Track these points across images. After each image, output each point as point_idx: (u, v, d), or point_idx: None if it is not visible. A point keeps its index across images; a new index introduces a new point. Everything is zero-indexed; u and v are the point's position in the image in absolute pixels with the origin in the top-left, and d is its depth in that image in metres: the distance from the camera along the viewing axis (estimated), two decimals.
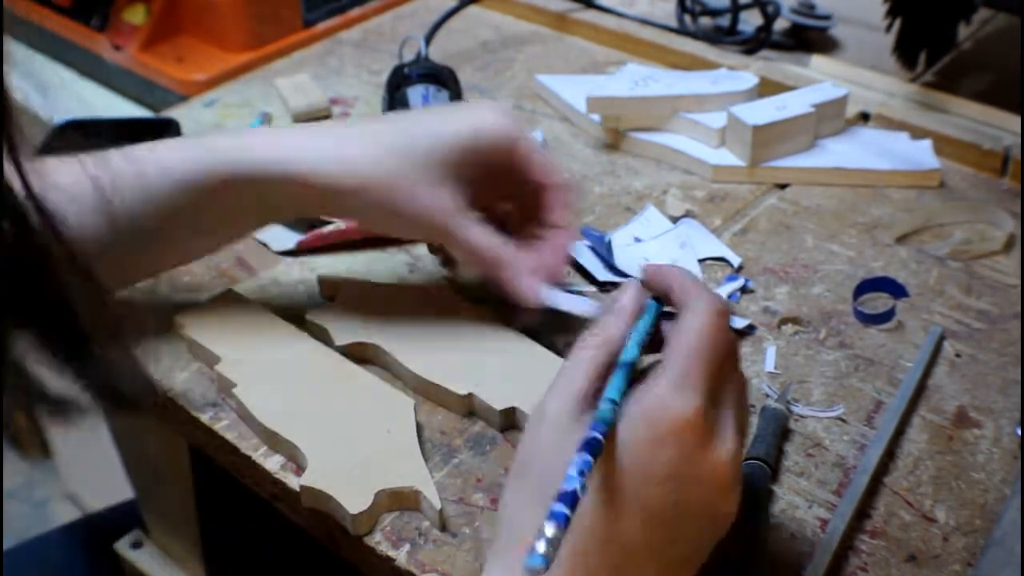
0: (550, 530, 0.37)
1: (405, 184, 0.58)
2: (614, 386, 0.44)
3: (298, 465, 0.56)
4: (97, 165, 0.54)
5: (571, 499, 0.39)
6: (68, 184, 0.45)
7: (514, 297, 0.60)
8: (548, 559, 0.37)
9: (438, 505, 0.52)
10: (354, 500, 0.52)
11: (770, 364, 0.63)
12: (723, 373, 0.45)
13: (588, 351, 0.46)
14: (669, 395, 0.43)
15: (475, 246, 0.59)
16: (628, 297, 0.48)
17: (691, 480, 0.42)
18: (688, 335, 0.44)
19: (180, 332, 0.64)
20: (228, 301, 0.66)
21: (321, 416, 0.57)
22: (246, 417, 0.59)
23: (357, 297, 0.66)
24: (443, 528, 0.53)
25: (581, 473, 0.40)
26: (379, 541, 0.53)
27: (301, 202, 0.60)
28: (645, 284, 0.50)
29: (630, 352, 0.46)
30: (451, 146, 0.59)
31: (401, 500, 0.54)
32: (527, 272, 0.60)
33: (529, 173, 0.61)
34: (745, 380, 0.47)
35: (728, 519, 0.45)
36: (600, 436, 0.41)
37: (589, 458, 0.40)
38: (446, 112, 0.64)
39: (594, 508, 0.42)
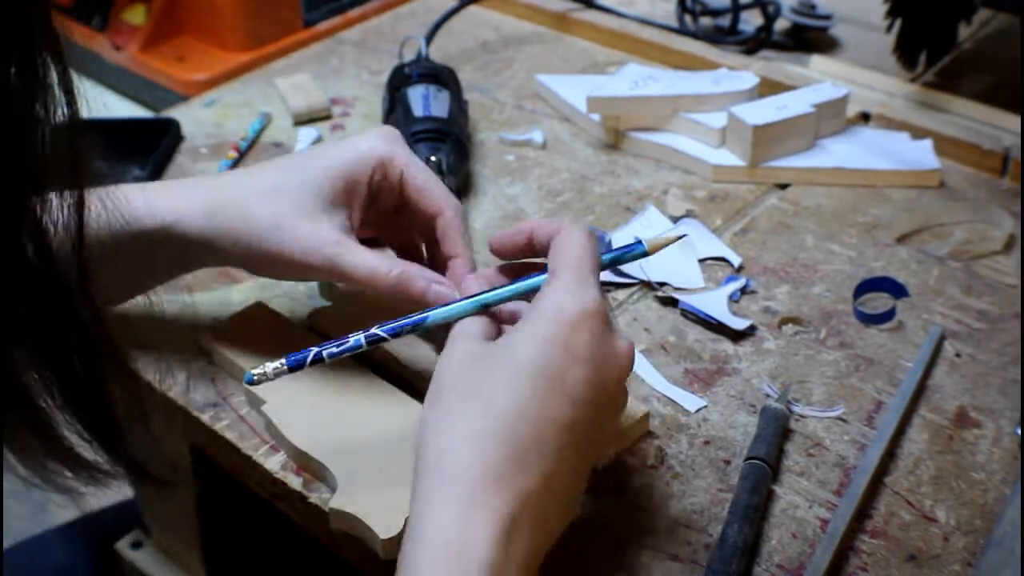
0: (277, 364, 0.48)
1: (282, 222, 0.56)
2: (446, 311, 0.51)
3: (327, 486, 0.55)
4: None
5: (315, 357, 0.48)
6: None
7: (423, 302, 0.57)
8: (256, 379, 0.48)
9: None
10: (384, 525, 0.51)
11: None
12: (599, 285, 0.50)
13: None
14: (575, 290, 0.48)
15: (365, 269, 0.56)
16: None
17: (606, 359, 0.47)
18: (572, 246, 0.50)
19: (209, 345, 0.63)
20: (257, 314, 0.65)
21: (351, 436, 0.56)
22: (275, 435, 0.58)
23: (357, 297, 0.66)
24: None
25: (336, 347, 0.49)
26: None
27: (184, 256, 0.59)
28: (498, 253, 0.55)
29: (523, 283, 0.52)
30: (326, 175, 0.57)
31: None
32: (431, 282, 0.57)
33: (416, 201, 0.59)
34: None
35: (619, 413, 0.51)
36: (386, 335, 0.50)
37: (362, 341, 0.49)
38: (328, 145, 0.62)
39: (530, 391, 0.45)
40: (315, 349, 0.49)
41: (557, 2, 1.05)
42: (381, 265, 0.56)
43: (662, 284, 0.70)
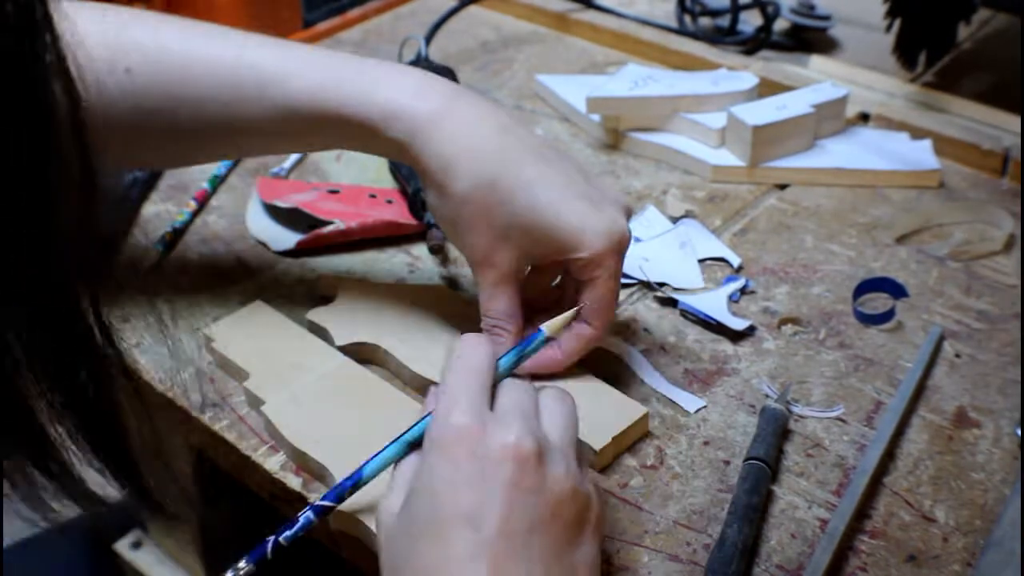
0: (242, 564, 0.47)
1: (478, 225, 0.55)
2: (374, 464, 0.50)
3: (327, 486, 0.55)
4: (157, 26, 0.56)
5: (273, 546, 0.47)
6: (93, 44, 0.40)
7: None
8: None
9: None
10: None
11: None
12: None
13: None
14: (440, 420, 0.46)
15: (492, 304, 0.57)
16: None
17: (494, 465, 0.43)
18: (452, 376, 0.48)
19: (209, 345, 0.63)
20: (257, 314, 0.65)
21: (351, 436, 0.56)
22: (275, 436, 0.58)
23: (357, 297, 0.66)
24: None
25: (290, 530, 0.48)
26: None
27: (394, 155, 0.58)
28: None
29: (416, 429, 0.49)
30: (539, 233, 0.55)
31: None
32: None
33: (584, 296, 0.57)
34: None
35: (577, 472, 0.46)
36: (331, 503, 0.49)
37: (311, 516, 0.48)
38: (567, 191, 0.56)
39: (424, 541, 0.43)
40: (272, 538, 0.48)
41: (557, 2, 1.05)
42: (499, 307, 0.57)
43: (662, 284, 0.70)
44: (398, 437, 0.49)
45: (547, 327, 0.53)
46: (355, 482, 0.48)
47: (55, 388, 0.36)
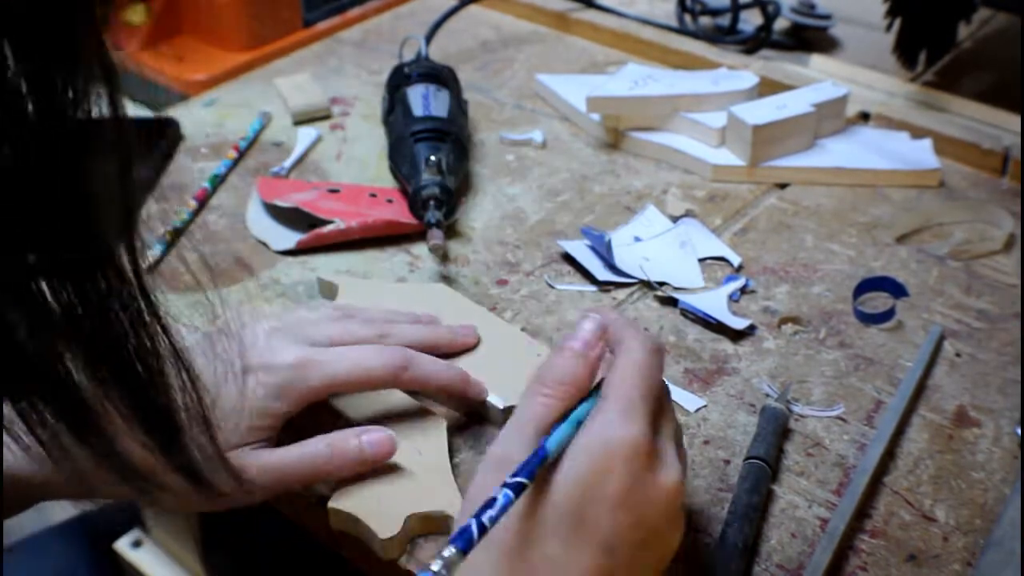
0: (448, 551, 0.40)
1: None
2: (555, 438, 0.45)
3: (327, 485, 0.55)
4: None
5: (479, 528, 0.41)
6: None
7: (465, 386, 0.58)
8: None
9: None
10: (384, 525, 0.51)
11: None
12: (660, 406, 0.46)
13: (548, 399, 0.46)
14: (614, 423, 0.44)
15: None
16: (593, 339, 0.48)
17: (644, 503, 0.44)
18: (626, 369, 0.46)
19: None
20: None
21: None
22: None
23: (357, 297, 0.66)
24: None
25: (492, 510, 0.42)
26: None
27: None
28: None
29: (585, 409, 0.46)
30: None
31: (431, 524, 0.53)
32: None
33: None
34: (678, 421, 0.48)
35: (674, 548, 0.46)
36: (525, 480, 0.43)
37: (510, 495, 0.42)
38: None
39: (555, 539, 0.43)
40: (473, 520, 0.42)
41: (557, 2, 1.05)
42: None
43: (662, 284, 0.70)
44: (576, 408, 0.47)
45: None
46: (542, 459, 0.44)
47: (101, 361, 0.36)
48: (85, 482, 0.43)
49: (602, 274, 0.70)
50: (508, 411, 0.58)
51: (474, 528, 0.41)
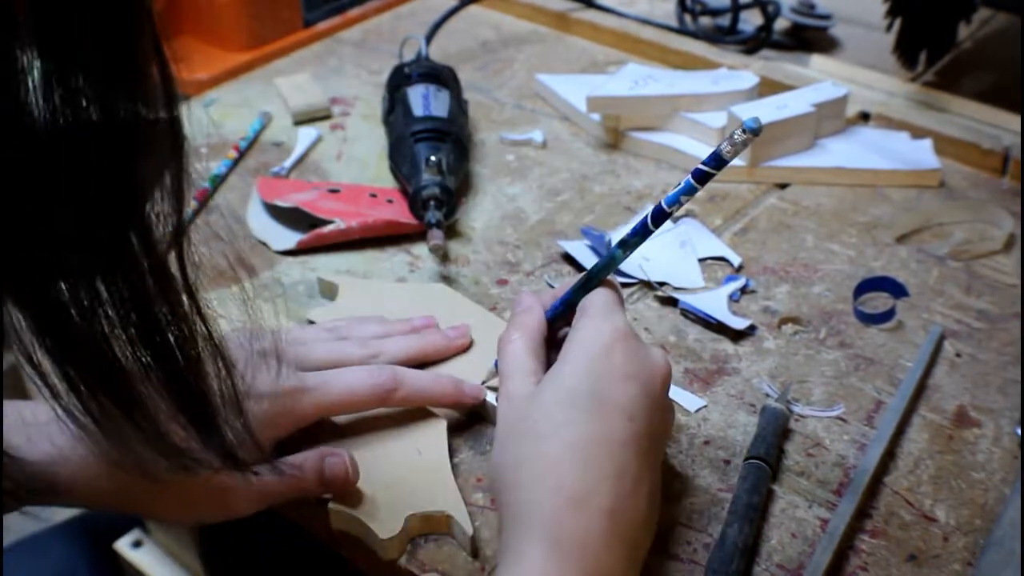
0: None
1: None
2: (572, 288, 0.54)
3: None
4: None
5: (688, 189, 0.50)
6: None
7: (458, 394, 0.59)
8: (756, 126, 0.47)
9: (470, 531, 0.51)
10: (384, 525, 0.52)
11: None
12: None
13: (517, 337, 0.54)
14: (602, 319, 0.51)
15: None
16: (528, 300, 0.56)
17: (647, 371, 0.50)
18: (596, 294, 0.53)
19: None
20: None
21: (351, 436, 0.56)
22: None
23: (357, 297, 0.66)
24: (475, 555, 0.52)
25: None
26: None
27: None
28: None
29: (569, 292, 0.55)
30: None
31: (432, 525, 0.53)
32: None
33: None
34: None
35: (670, 428, 0.53)
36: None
37: (691, 181, 0.50)
38: None
39: (582, 415, 0.47)
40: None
41: (557, 2, 1.05)
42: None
43: (662, 284, 0.70)
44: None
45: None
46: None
47: (144, 346, 0.39)
48: (126, 464, 0.46)
49: None
50: None
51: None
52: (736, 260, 0.72)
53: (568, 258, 0.72)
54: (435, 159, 0.73)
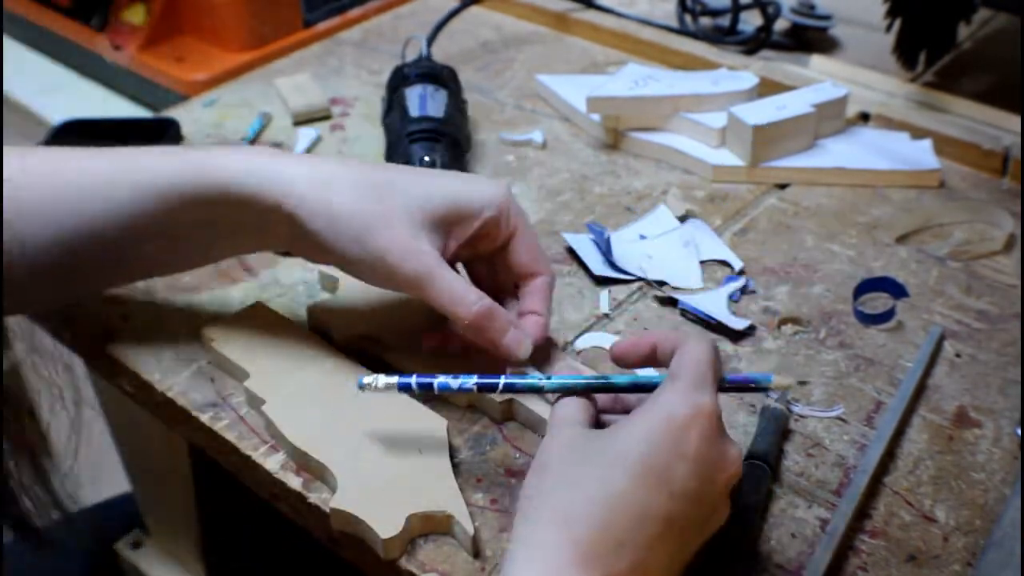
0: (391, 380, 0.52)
1: (384, 221, 0.55)
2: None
3: (328, 486, 0.55)
4: (56, 160, 0.53)
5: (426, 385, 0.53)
6: (19, 179, 0.45)
7: (498, 352, 0.57)
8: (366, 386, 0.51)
9: (471, 531, 0.51)
10: (385, 524, 0.51)
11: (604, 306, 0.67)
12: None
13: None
14: (690, 391, 0.47)
15: (451, 293, 0.55)
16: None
17: (713, 463, 0.47)
18: (696, 352, 0.49)
19: (209, 345, 0.62)
20: (257, 314, 0.64)
21: (351, 436, 0.56)
22: (275, 435, 0.58)
23: (358, 291, 0.66)
24: (476, 555, 0.52)
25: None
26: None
27: (271, 228, 0.57)
28: (618, 361, 0.54)
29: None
30: (441, 195, 0.57)
31: (433, 524, 0.53)
32: (512, 325, 0.57)
33: (516, 254, 0.59)
34: None
35: (720, 523, 0.49)
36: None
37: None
38: (440, 173, 0.60)
39: (628, 482, 0.45)
40: (438, 380, 0.53)
41: (557, 2, 1.05)
42: (469, 294, 0.55)
43: (662, 284, 0.70)
44: (594, 376, 0.53)
45: (776, 377, 0.52)
46: (532, 387, 0.53)
47: None
48: None
49: (600, 269, 0.70)
50: (505, 404, 0.58)
51: (424, 382, 0.53)
52: (738, 264, 0.72)
53: (568, 258, 0.72)
54: (429, 159, 0.73)
